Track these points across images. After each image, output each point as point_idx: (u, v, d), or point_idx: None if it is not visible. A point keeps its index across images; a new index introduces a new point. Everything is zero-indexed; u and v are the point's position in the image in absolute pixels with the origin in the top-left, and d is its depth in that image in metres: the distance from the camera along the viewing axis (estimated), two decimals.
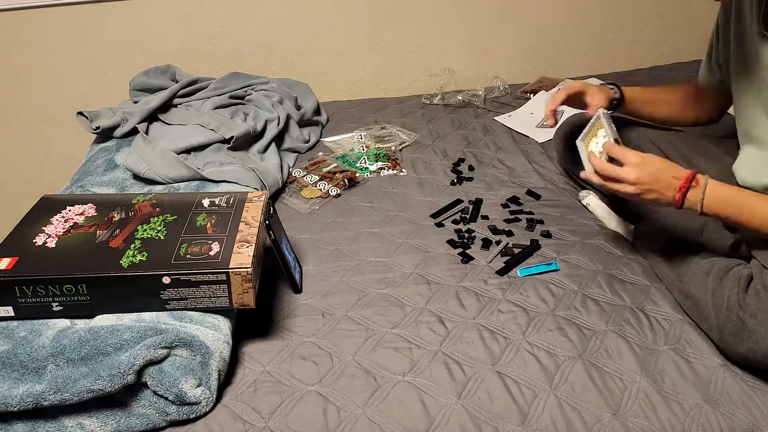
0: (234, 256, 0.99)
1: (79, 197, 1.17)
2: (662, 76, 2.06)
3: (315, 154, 1.70)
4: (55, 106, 2.03)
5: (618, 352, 1.02)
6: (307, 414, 0.93)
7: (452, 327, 1.08)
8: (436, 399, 0.95)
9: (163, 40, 1.98)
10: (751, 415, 0.92)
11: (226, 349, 0.98)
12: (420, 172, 1.59)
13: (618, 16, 2.20)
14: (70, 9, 1.89)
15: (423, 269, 1.23)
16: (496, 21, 2.12)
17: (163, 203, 1.14)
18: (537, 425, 0.91)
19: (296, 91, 1.87)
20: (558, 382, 0.97)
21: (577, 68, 2.25)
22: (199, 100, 1.73)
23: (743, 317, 0.96)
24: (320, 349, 1.04)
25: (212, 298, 0.98)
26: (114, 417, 0.90)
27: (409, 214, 1.41)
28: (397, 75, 2.16)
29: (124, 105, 1.76)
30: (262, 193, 1.18)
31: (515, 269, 1.22)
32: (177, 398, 0.90)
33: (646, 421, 0.91)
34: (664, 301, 1.13)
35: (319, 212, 1.44)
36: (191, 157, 1.48)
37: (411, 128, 1.82)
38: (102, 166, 1.51)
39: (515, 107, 1.93)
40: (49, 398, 0.85)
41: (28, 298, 0.96)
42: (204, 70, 2.00)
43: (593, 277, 1.19)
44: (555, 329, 1.07)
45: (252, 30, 2.01)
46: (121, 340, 0.91)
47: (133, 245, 1.01)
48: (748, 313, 0.96)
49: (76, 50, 1.96)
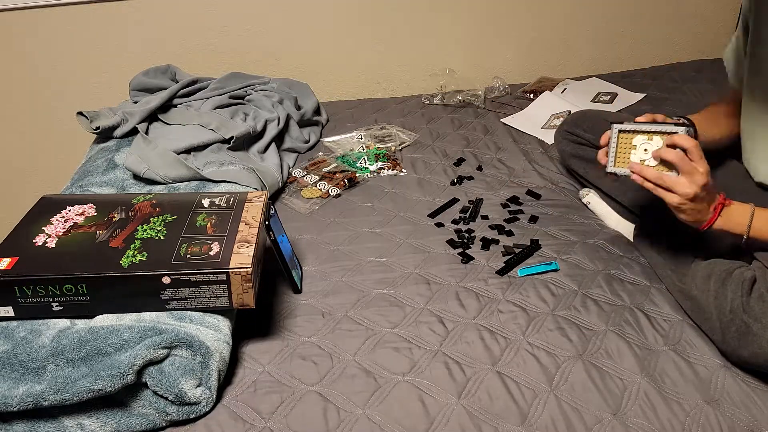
0: (234, 256, 0.99)
1: (79, 197, 1.17)
2: (662, 77, 2.06)
3: (315, 154, 1.70)
4: (55, 106, 2.03)
5: (618, 352, 1.02)
6: (307, 414, 0.93)
7: (452, 327, 1.08)
8: (436, 399, 0.95)
9: (163, 40, 1.98)
10: (751, 416, 0.92)
11: (226, 349, 0.98)
12: (420, 172, 1.59)
13: (618, 16, 2.20)
14: (70, 9, 1.89)
15: (423, 269, 1.23)
16: (496, 21, 2.12)
17: (163, 203, 1.14)
18: (537, 425, 0.91)
19: (296, 91, 1.87)
20: (558, 382, 0.97)
21: (577, 68, 2.25)
22: (199, 100, 1.73)
23: (747, 321, 0.95)
24: (320, 349, 1.04)
25: (212, 298, 0.98)
26: (114, 417, 0.90)
27: (409, 214, 1.41)
28: (397, 75, 2.16)
29: (124, 105, 1.76)
30: (262, 193, 1.18)
31: (515, 269, 1.22)
32: (177, 398, 0.90)
33: (646, 422, 0.91)
34: (664, 302, 1.12)
35: (319, 212, 1.44)
36: (191, 157, 1.48)
37: (411, 128, 1.82)
38: (102, 166, 1.51)
39: (515, 107, 1.93)
40: (49, 398, 0.85)
41: (28, 298, 0.96)
42: (204, 70, 2.00)
43: (593, 277, 1.19)
44: (555, 329, 1.07)
45: (252, 30, 2.01)
46: (121, 340, 0.91)
47: (133, 245, 1.01)
48: (753, 317, 0.95)
49: (76, 50, 1.96)
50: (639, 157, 1.04)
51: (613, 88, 1.99)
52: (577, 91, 1.99)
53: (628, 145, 1.05)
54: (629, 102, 1.90)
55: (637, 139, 1.04)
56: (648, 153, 1.03)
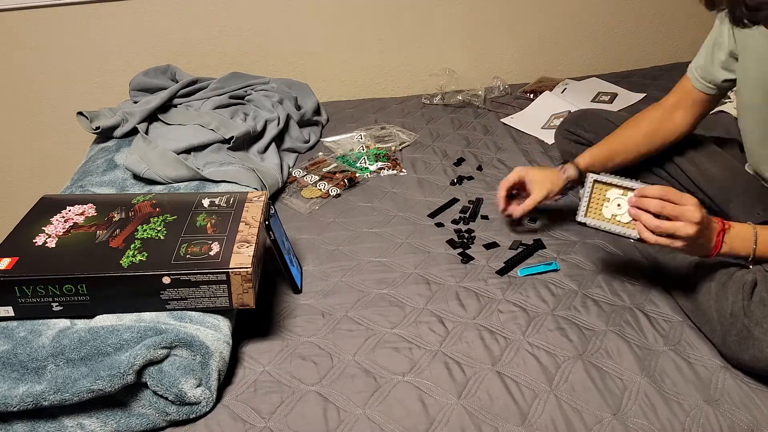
0: (234, 256, 0.99)
1: (79, 197, 1.17)
2: (662, 76, 2.06)
3: (315, 154, 1.70)
4: (55, 106, 2.03)
5: (618, 352, 1.02)
6: (307, 414, 0.93)
7: (452, 327, 1.08)
8: (436, 399, 0.95)
9: (163, 40, 1.98)
10: (751, 416, 0.92)
11: (226, 349, 0.98)
12: (420, 172, 1.59)
13: (618, 17, 2.20)
14: (70, 9, 1.89)
15: (423, 269, 1.23)
16: (496, 21, 2.12)
17: (163, 203, 1.14)
18: (537, 425, 0.91)
19: (296, 91, 1.87)
20: (558, 382, 0.97)
21: (577, 68, 2.25)
22: (199, 100, 1.73)
23: (748, 325, 0.94)
24: (320, 349, 1.04)
25: (212, 298, 0.98)
26: (114, 417, 0.90)
27: (409, 214, 1.41)
28: (397, 75, 2.16)
29: (124, 105, 1.76)
30: (262, 193, 1.18)
31: (515, 269, 1.22)
32: (177, 398, 0.90)
33: (646, 422, 0.91)
34: (665, 302, 1.12)
35: (319, 212, 1.44)
36: (191, 157, 1.48)
37: (411, 128, 1.82)
38: (102, 166, 1.51)
39: (515, 107, 1.93)
40: (49, 398, 0.85)
41: (28, 298, 0.96)
42: (204, 70, 2.00)
43: (593, 277, 1.19)
44: (555, 329, 1.07)
45: (252, 30, 2.01)
46: (121, 340, 0.91)
47: (133, 245, 1.01)
48: (754, 321, 0.94)
49: (76, 50, 1.96)
50: (611, 211, 1.05)
51: (613, 88, 2.00)
52: (577, 91, 1.99)
53: (602, 197, 1.06)
54: (629, 102, 1.90)
55: (611, 193, 1.05)
56: (622, 208, 1.03)
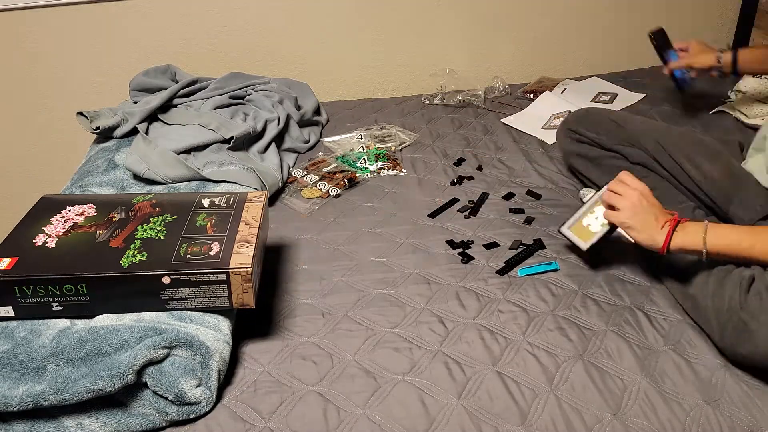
0: (234, 256, 0.99)
1: (79, 197, 1.17)
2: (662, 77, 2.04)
3: (315, 154, 1.70)
4: (55, 106, 2.03)
5: (618, 352, 1.02)
6: (307, 414, 0.93)
7: (452, 327, 1.08)
8: (436, 399, 0.95)
9: (163, 40, 1.98)
10: (751, 416, 0.92)
11: (226, 349, 0.98)
12: (420, 172, 1.59)
13: (618, 16, 2.20)
14: (70, 9, 1.89)
15: (423, 269, 1.23)
16: (496, 21, 2.12)
17: (163, 203, 1.14)
18: (537, 425, 0.91)
19: (296, 91, 1.87)
20: (558, 382, 0.97)
21: (577, 68, 2.25)
22: (199, 100, 1.73)
23: (745, 318, 0.95)
24: (320, 349, 1.04)
25: (212, 298, 0.98)
26: (114, 417, 0.90)
27: (409, 214, 1.41)
28: (397, 75, 2.16)
29: (124, 105, 1.76)
30: (262, 193, 1.18)
31: (515, 269, 1.22)
32: (177, 398, 0.90)
33: (646, 422, 0.91)
34: (664, 301, 1.12)
35: (319, 212, 1.44)
36: (191, 157, 1.48)
37: (411, 128, 1.82)
38: (102, 166, 1.51)
39: (515, 107, 1.93)
40: (49, 398, 0.85)
41: (28, 298, 0.96)
42: (204, 70, 1.99)
43: (593, 277, 1.19)
44: (555, 329, 1.07)
45: (252, 30, 2.01)
46: (121, 340, 0.91)
47: (133, 245, 1.01)
48: (750, 315, 0.95)
49: (76, 50, 1.96)
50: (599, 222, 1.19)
51: (613, 88, 1.99)
52: (577, 91, 1.99)
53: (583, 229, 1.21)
54: (629, 102, 1.90)
55: (586, 220, 1.20)
56: (599, 220, 1.18)
